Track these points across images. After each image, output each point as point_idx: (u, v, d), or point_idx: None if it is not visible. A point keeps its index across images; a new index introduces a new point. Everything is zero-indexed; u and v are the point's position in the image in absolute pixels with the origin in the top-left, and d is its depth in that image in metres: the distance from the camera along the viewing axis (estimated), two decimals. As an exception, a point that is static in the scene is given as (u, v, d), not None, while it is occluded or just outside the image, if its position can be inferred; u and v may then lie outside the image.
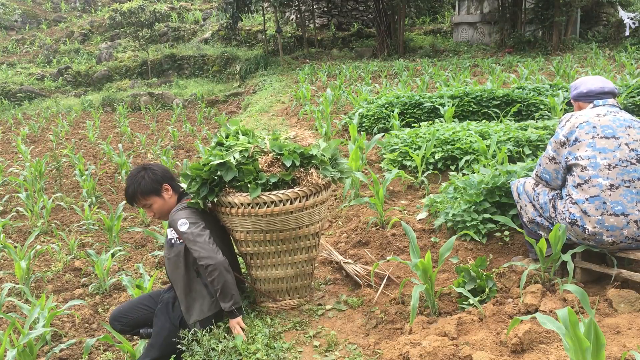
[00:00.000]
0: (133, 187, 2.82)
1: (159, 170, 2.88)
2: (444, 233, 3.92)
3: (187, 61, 20.54)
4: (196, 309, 2.81)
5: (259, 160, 2.82)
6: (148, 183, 2.81)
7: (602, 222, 2.72)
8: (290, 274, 3.01)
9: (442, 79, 11.11)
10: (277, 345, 2.73)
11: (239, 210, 2.76)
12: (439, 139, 5.36)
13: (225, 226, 2.95)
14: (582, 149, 2.81)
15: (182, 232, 2.68)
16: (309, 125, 8.74)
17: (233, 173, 2.74)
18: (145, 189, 2.81)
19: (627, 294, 2.69)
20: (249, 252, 2.93)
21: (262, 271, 2.98)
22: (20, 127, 13.93)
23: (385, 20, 18.62)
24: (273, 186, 2.78)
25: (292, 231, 2.86)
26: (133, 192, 2.83)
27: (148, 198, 2.83)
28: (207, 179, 2.78)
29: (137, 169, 2.89)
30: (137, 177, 2.82)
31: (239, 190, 2.79)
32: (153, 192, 2.83)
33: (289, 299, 3.09)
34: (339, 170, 3.03)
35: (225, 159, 2.76)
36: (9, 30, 25.73)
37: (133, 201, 2.87)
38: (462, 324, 2.67)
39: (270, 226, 2.80)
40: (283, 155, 2.83)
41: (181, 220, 2.69)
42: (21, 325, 3.36)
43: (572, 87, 3.22)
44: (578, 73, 11.08)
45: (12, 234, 5.99)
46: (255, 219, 2.78)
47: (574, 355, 1.86)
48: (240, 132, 3.11)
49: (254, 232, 2.83)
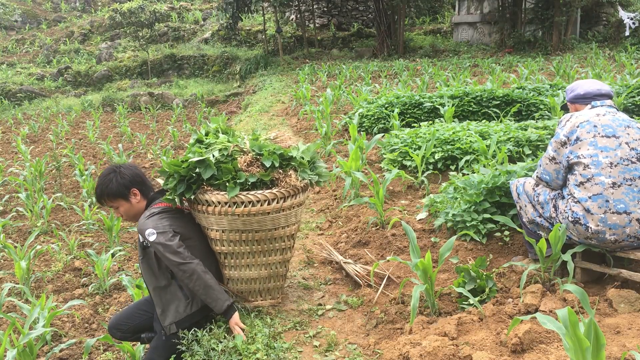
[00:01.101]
0: (100, 189, 2.79)
1: (128, 174, 2.81)
2: (444, 233, 3.92)
3: (187, 61, 20.54)
4: (171, 311, 2.77)
5: (238, 159, 2.80)
6: (115, 187, 2.76)
7: (604, 220, 2.72)
8: (263, 275, 2.98)
9: (442, 79, 11.11)
10: (277, 345, 2.73)
11: (215, 209, 2.73)
12: (439, 139, 5.36)
13: (201, 224, 2.90)
14: (584, 148, 2.82)
15: (151, 242, 2.64)
16: (309, 125, 8.74)
17: (211, 171, 2.71)
18: (111, 192, 2.77)
19: (627, 294, 2.69)
20: (223, 251, 2.89)
21: (235, 271, 2.94)
22: (20, 127, 13.93)
23: (385, 20, 18.62)
24: (251, 186, 2.76)
25: (268, 232, 2.84)
26: (100, 194, 2.80)
27: (115, 201, 2.80)
28: (185, 176, 2.74)
29: (107, 170, 2.84)
30: (105, 179, 2.78)
31: (217, 188, 2.76)
32: (120, 196, 2.78)
33: (261, 300, 3.06)
34: (317, 174, 3.01)
35: (205, 157, 2.72)
36: (9, 30, 25.73)
37: (100, 202, 2.85)
38: (462, 324, 2.66)
39: (246, 226, 2.78)
40: (263, 155, 2.82)
41: (148, 230, 2.65)
42: (21, 325, 3.36)
43: (568, 90, 3.23)
44: (578, 73, 11.08)
45: (12, 234, 5.99)
46: (232, 218, 2.74)
47: (574, 355, 1.86)
48: (220, 131, 3.07)
49: (230, 231, 2.80)
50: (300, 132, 8.49)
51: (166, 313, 2.77)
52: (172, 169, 2.76)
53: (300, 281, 3.59)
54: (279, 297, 3.15)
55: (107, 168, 2.87)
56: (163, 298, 2.79)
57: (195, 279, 2.65)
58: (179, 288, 2.77)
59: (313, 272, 3.74)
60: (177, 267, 2.64)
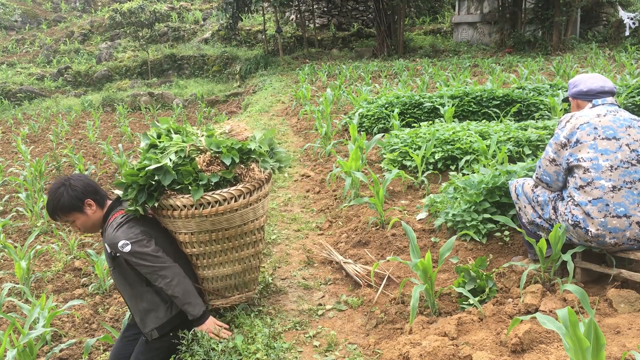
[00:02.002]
0: (52, 205, 2.61)
1: (79, 185, 2.64)
2: (444, 233, 3.92)
3: (187, 61, 20.55)
4: (151, 318, 2.71)
5: (197, 159, 2.70)
6: (67, 200, 2.59)
7: (604, 224, 2.71)
8: (238, 270, 2.93)
9: (442, 79, 11.11)
10: (277, 345, 2.73)
11: (182, 213, 2.65)
12: (439, 139, 5.36)
13: (168, 228, 2.80)
14: (584, 151, 2.80)
15: (126, 254, 2.55)
16: (309, 125, 8.74)
17: (171, 177, 2.61)
18: (64, 206, 2.60)
19: (627, 294, 2.69)
20: (194, 253, 2.82)
21: (209, 270, 2.88)
22: (20, 127, 13.93)
23: (385, 20, 18.63)
24: (215, 185, 2.69)
25: (237, 228, 2.78)
26: (53, 210, 2.62)
27: (69, 215, 2.63)
28: (145, 185, 2.62)
29: (56, 184, 2.65)
30: (56, 193, 2.60)
31: (180, 192, 2.66)
32: (74, 209, 2.62)
33: (238, 294, 3.01)
34: (278, 160, 2.97)
35: (162, 163, 2.61)
36: (9, 30, 25.74)
37: (53, 218, 2.67)
38: (462, 324, 2.66)
39: (215, 225, 2.72)
40: (222, 153, 2.73)
41: (121, 242, 2.55)
42: (21, 325, 3.37)
43: (570, 84, 3.15)
44: (578, 73, 11.07)
45: (12, 234, 5.99)
46: (200, 219, 2.67)
47: (574, 355, 1.86)
48: (172, 131, 2.95)
49: (199, 233, 2.73)
50: (300, 132, 8.49)
51: (145, 321, 2.70)
52: (129, 179, 2.63)
53: (300, 281, 3.59)
54: (255, 288, 3.12)
55: (55, 182, 2.68)
56: (140, 306, 2.71)
57: (175, 285, 2.59)
58: (155, 294, 2.70)
59: (313, 272, 3.74)
60: (157, 274, 2.57)
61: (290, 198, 5.44)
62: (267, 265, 3.89)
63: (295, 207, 5.21)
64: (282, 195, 5.55)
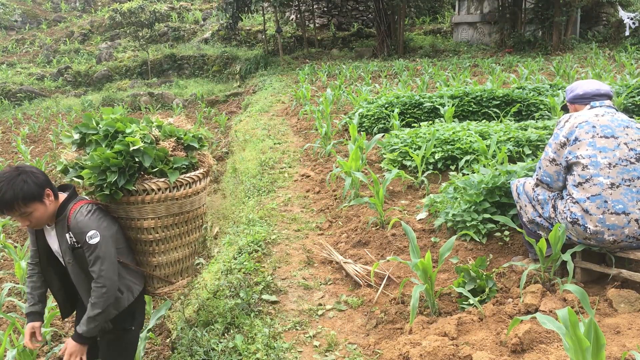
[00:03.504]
0: (13, 192, 2.32)
1: (39, 173, 2.46)
2: (444, 233, 3.92)
3: (187, 61, 20.55)
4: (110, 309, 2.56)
5: (164, 145, 2.81)
6: (32, 188, 2.37)
7: (603, 220, 2.72)
8: (187, 254, 3.00)
9: (442, 79, 11.11)
10: (277, 345, 2.73)
11: (155, 196, 2.69)
12: (439, 139, 5.36)
13: (127, 217, 2.74)
14: (583, 148, 2.82)
15: (92, 245, 2.44)
16: (309, 125, 8.74)
17: (150, 158, 2.66)
18: (28, 194, 2.35)
19: (627, 294, 2.69)
20: (156, 239, 2.82)
21: (164, 256, 2.89)
22: (20, 127, 13.93)
23: (385, 20, 18.63)
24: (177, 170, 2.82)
25: (194, 211, 2.92)
26: (12, 198, 2.32)
27: (29, 205, 2.38)
28: (125, 167, 2.60)
29: (13, 172, 2.39)
30: (16, 180, 2.35)
31: (153, 175, 2.73)
32: (37, 198, 2.40)
33: (181, 279, 3.05)
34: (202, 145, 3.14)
35: (140, 145, 2.64)
36: (9, 30, 25.74)
37: (9, 209, 2.36)
38: (462, 324, 2.67)
39: (182, 208, 2.82)
40: (182, 139, 2.90)
41: (92, 232, 2.44)
42: (21, 325, 3.37)
43: (567, 90, 3.25)
44: (578, 73, 11.08)
45: (12, 234, 5.99)
46: (171, 203, 2.76)
47: (574, 355, 1.86)
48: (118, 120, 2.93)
49: (166, 217, 2.79)
50: (300, 132, 8.49)
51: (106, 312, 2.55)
52: (110, 162, 2.58)
53: (300, 281, 3.59)
54: (193, 273, 3.18)
55: (8, 171, 2.40)
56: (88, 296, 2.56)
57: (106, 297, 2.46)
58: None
59: (313, 272, 3.74)
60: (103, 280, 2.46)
61: (290, 198, 5.43)
62: (267, 265, 3.89)
63: (295, 207, 5.21)
64: (282, 195, 5.55)
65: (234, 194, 6.35)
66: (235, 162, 7.81)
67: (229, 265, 3.89)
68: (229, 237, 4.66)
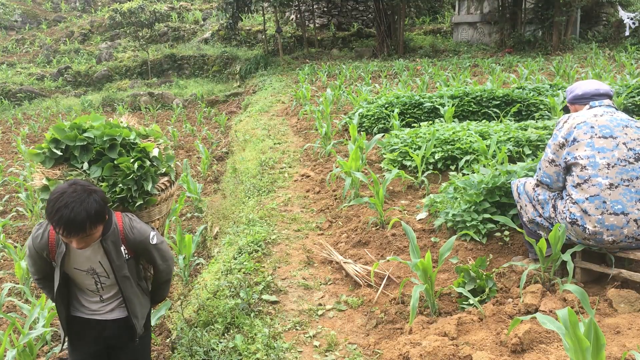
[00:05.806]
0: (85, 215, 2.08)
1: (101, 191, 2.25)
2: (444, 233, 3.92)
3: (187, 61, 20.55)
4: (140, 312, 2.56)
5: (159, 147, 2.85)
6: (103, 208, 2.16)
7: (602, 221, 2.72)
8: None
9: (442, 79, 11.11)
10: (277, 345, 2.73)
11: (168, 193, 2.72)
12: (439, 139, 5.36)
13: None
14: (581, 149, 2.82)
15: (156, 244, 2.43)
16: (309, 125, 8.74)
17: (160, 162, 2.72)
18: (100, 216, 2.15)
19: (627, 294, 2.69)
20: None
21: None
22: (20, 127, 13.93)
23: (385, 20, 18.63)
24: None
25: (167, 214, 2.92)
26: (84, 221, 2.08)
27: (97, 227, 2.18)
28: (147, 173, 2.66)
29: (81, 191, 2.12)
30: (88, 200, 2.10)
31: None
32: (104, 219, 2.22)
33: None
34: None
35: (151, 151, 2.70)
36: (9, 30, 25.74)
37: (79, 232, 2.09)
38: (462, 324, 2.67)
39: (168, 207, 2.84)
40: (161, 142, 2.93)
41: (152, 233, 2.43)
42: (21, 325, 3.37)
43: (567, 91, 3.26)
44: (578, 73, 11.07)
45: (12, 234, 5.99)
46: (170, 200, 2.81)
47: (574, 355, 1.86)
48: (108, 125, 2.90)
49: (163, 217, 2.83)
50: (300, 132, 8.49)
51: (138, 316, 2.54)
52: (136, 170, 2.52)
53: (300, 281, 3.59)
54: None
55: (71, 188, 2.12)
56: (137, 303, 2.54)
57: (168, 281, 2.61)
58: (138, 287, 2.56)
59: (313, 272, 3.74)
60: (170, 269, 2.57)
61: (290, 198, 5.43)
62: (267, 265, 3.89)
63: (295, 207, 5.21)
64: (282, 195, 5.55)
65: (234, 194, 6.35)
66: (235, 162, 7.81)
67: (229, 266, 3.89)
68: (229, 237, 4.66)
